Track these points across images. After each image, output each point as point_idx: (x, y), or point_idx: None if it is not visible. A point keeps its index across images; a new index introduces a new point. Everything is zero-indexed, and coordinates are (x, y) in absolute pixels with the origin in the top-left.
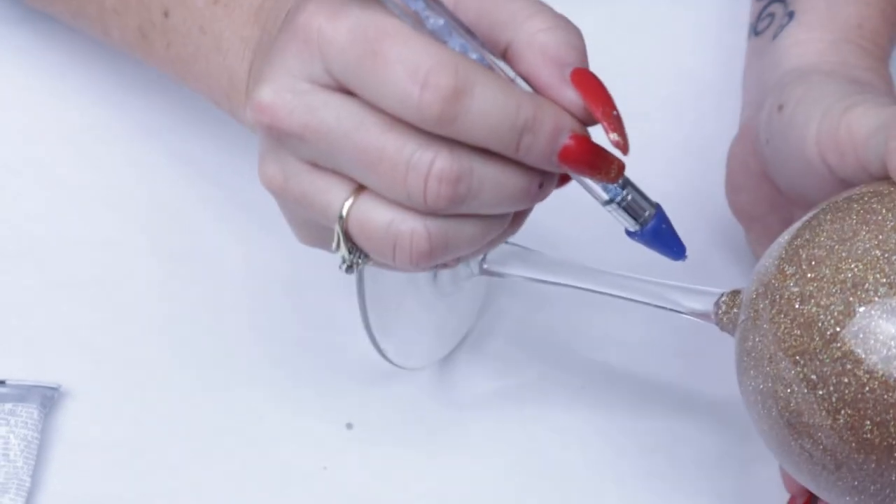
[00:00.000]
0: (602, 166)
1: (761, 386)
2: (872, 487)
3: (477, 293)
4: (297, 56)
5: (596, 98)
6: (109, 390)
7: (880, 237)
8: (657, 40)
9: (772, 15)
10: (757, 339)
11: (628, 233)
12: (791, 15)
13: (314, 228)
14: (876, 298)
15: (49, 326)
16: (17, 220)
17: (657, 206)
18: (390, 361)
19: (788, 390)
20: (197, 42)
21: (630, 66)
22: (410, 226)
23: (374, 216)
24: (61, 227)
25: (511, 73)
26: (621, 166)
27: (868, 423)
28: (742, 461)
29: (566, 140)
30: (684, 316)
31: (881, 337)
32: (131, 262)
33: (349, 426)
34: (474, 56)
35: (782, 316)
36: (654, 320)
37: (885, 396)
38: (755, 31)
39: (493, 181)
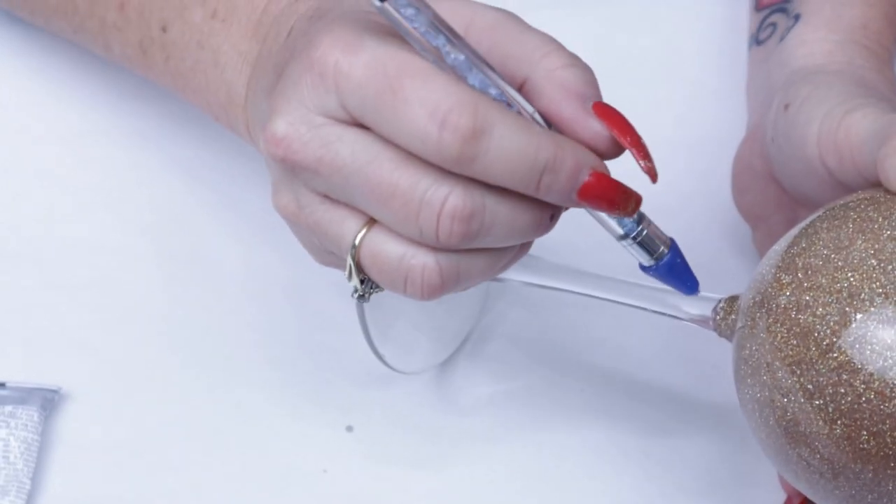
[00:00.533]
0: (621, 201)
1: (759, 395)
2: (870, 497)
3: (476, 297)
4: (312, 89)
5: (622, 127)
6: (110, 393)
7: (876, 246)
8: (661, 45)
9: (774, 25)
10: (754, 348)
11: (642, 267)
12: (797, 17)
13: (327, 253)
14: (872, 308)
15: (49, 329)
16: (18, 222)
17: (671, 241)
18: (389, 366)
19: (785, 399)
20: (195, 56)
21: (634, 71)
22: (422, 260)
23: (386, 249)
24: (62, 230)
25: (530, 109)
26: (639, 200)
27: (864, 433)
28: (741, 465)
29: (586, 177)
30: (683, 321)
31: (877, 347)
32: (132, 265)
33: (349, 429)
34: (493, 92)
35: (779, 325)
36: (653, 324)
37: (882, 406)
38: (757, 41)
39: (506, 217)
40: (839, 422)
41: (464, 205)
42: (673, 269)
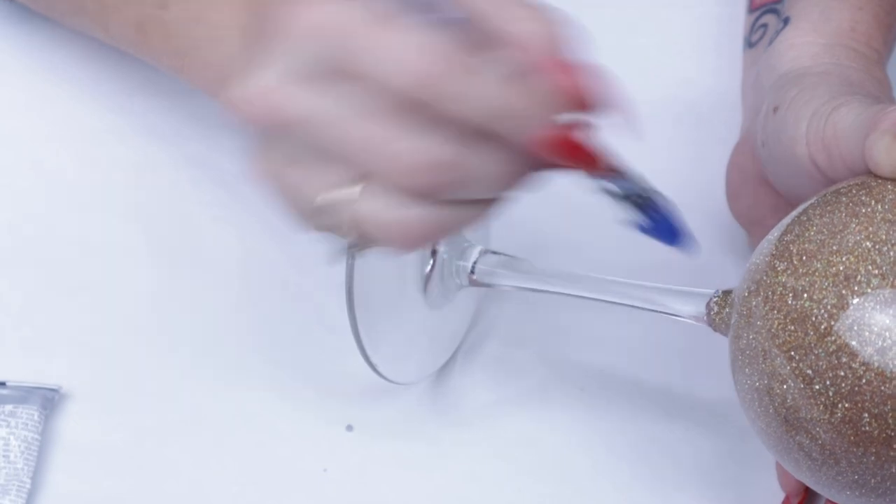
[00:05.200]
0: (594, 157)
1: (757, 383)
2: (873, 481)
3: (468, 303)
4: (290, 42)
5: (593, 80)
6: (110, 392)
7: (870, 229)
8: (657, 46)
9: (765, 26)
10: (751, 337)
11: (640, 228)
12: (786, 21)
13: (313, 215)
14: (869, 290)
15: (49, 328)
16: (18, 221)
17: (665, 198)
18: (384, 377)
19: (784, 386)
20: (194, 33)
21: (630, 71)
22: (405, 212)
23: (366, 203)
24: (62, 229)
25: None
26: (608, 158)
27: (866, 415)
28: (739, 462)
29: (563, 127)
30: (678, 319)
31: (875, 328)
32: (132, 265)
33: (349, 428)
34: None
35: (775, 312)
36: (648, 322)
37: (882, 388)
38: (749, 44)
39: (486, 168)
40: (840, 406)
41: (443, 154)
42: (665, 225)
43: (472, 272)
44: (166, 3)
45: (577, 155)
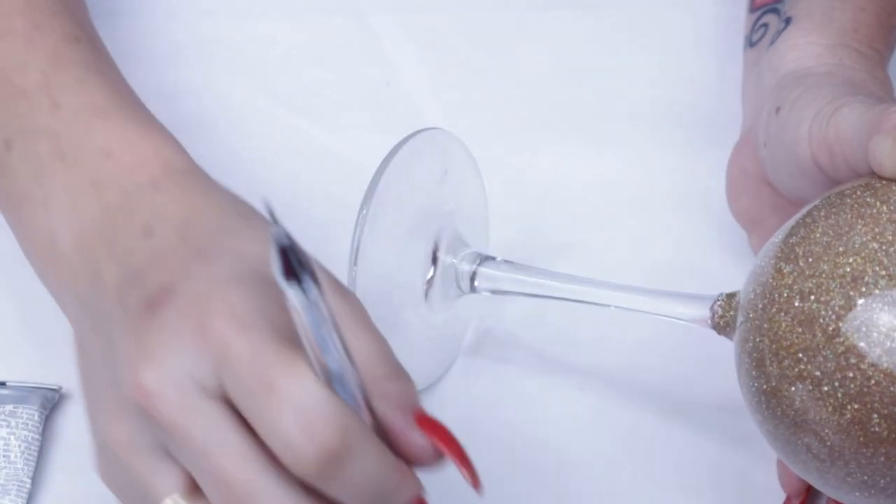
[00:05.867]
0: None
1: (764, 386)
2: (882, 482)
3: (469, 308)
4: (191, 354)
5: (445, 440)
6: None
7: (876, 230)
8: (657, 46)
9: (766, 25)
10: (758, 340)
11: None
12: (788, 21)
13: (121, 482)
14: (876, 291)
15: (50, 328)
16: None
17: None
18: None
19: (792, 388)
20: (28, 188)
21: (631, 71)
22: None
23: None
24: None
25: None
26: None
27: (875, 416)
28: (739, 463)
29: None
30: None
31: (884, 329)
32: None
33: None
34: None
35: (782, 314)
36: (648, 323)
37: (891, 389)
38: (750, 43)
39: None
40: (849, 407)
41: None
42: None
43: (474, 278)
44: (11, 143)
45: None
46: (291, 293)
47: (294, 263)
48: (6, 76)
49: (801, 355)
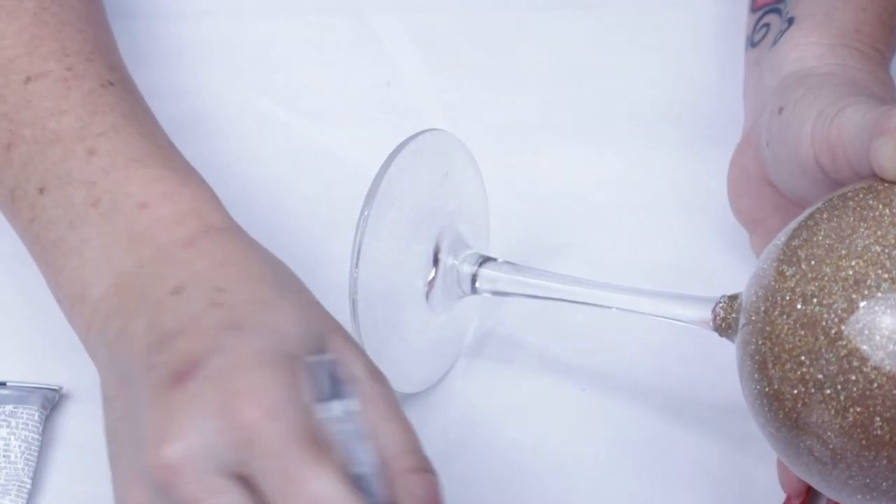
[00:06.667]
0: None
1: (766, 389)
2: (884, 484)
3: (470, 309)
4: (219, 434)
5: None
6: None
7: (879, 233)
8: (657, 46)
9: (767, 25)
10: (760, 343)
11: None
12: (790, 21)
13: None
14: (878, 294)
15: (50, 328)
16: None
17: None
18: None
19: (795, 391)
20: (61, 234)
21: (631, 71)
22: None
23: None
24: None
25: None
26: None
27: (878, 419)
28: (741, 465)
29: None
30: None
31: (886, 332)
32: None
33: None
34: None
35: (785, 317)
36: (648, 324)
37: (894, 391)
38: (752, 43)
39: None
40: (851, 410)
41: None
42: None
43: (475, 279)
44: (46, 189)
45: None
46: (327, 408)
47: (328, 385)
48: (41, 121)
49: (803, 358)
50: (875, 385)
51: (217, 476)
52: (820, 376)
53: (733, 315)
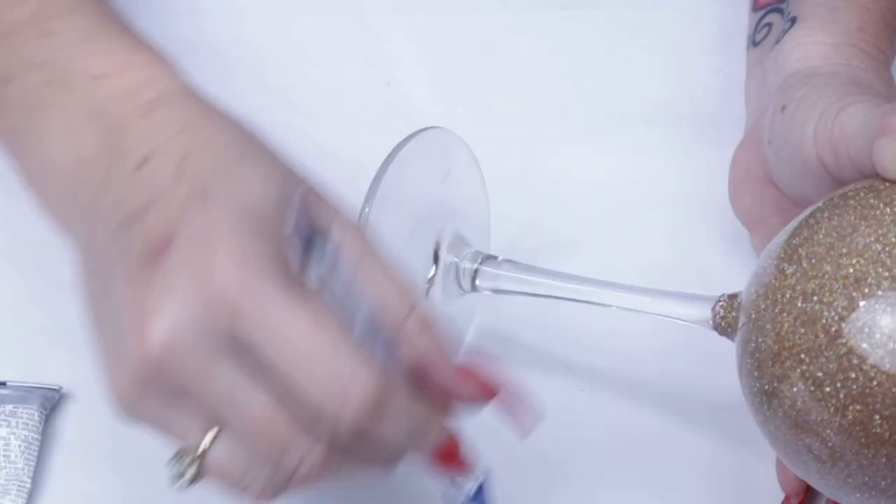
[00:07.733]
0: (466, 464)
1: (766, 387)
2: (883, 483)
3: (470, 307)
4: (203, 308)
5: (488, 385)
6: None
7: (880, 231)
8: (658, 46)
9: (769, 25)
10: (760, 340)
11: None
12: (793, 20)
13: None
14: (879, 292)
15: (50, 328)
16: (18, 220)
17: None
18: None
19: (794, 389)
20: (23, 119)
21: (631, 71)
22: (262, 483)
23: (232, 463)
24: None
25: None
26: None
27: (877, 417)
28: (740, 464)
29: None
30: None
31: (886, 330)
32: None
33: None
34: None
35: (785, 315)
36: (648, 323)
37: (893, 390)
38: (753, 42)
39: (352, 469)
40: (851, 408)
41: (323, 459)
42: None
43: (475, 277)
44: (12, 78)
45: (455, 462)
46: (309, 262)
47: (305, 226)
48: (0, 16)
49: (803, 356)
50: (875, 383)
51: (207, 351)
52: (819, 374)
53: (733, 314)
